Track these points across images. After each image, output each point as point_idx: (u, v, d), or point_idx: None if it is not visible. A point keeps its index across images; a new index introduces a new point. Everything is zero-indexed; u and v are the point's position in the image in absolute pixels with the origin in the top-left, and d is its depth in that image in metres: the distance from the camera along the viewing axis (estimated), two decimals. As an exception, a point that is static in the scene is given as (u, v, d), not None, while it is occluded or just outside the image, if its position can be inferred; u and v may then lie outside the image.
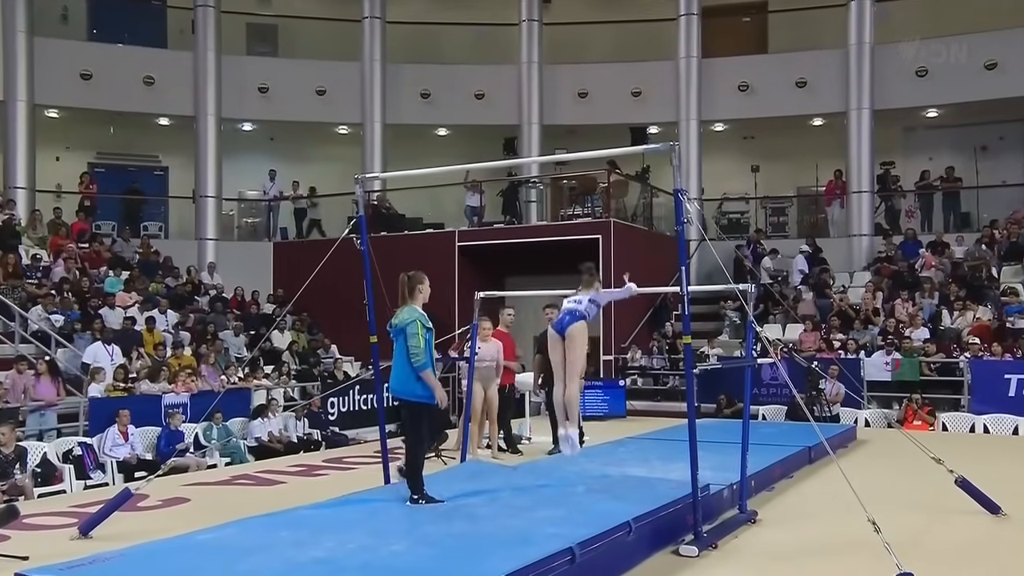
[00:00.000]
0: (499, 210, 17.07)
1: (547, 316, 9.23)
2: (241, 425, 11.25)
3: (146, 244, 16.27)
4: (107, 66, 16.79)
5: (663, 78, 17.98)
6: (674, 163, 4.80)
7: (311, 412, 12.19)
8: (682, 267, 4.76)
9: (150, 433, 10.17)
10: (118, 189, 18.04)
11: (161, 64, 17.40)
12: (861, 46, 16.90)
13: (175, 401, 10.70)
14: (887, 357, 12.61)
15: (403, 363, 5.50)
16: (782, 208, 18.16)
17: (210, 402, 11.01)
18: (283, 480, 7.54)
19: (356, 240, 6.16)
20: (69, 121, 17.79)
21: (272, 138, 19.50)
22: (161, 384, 10.84)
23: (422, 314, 5.59)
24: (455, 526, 4.72)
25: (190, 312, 14.64)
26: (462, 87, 18.30)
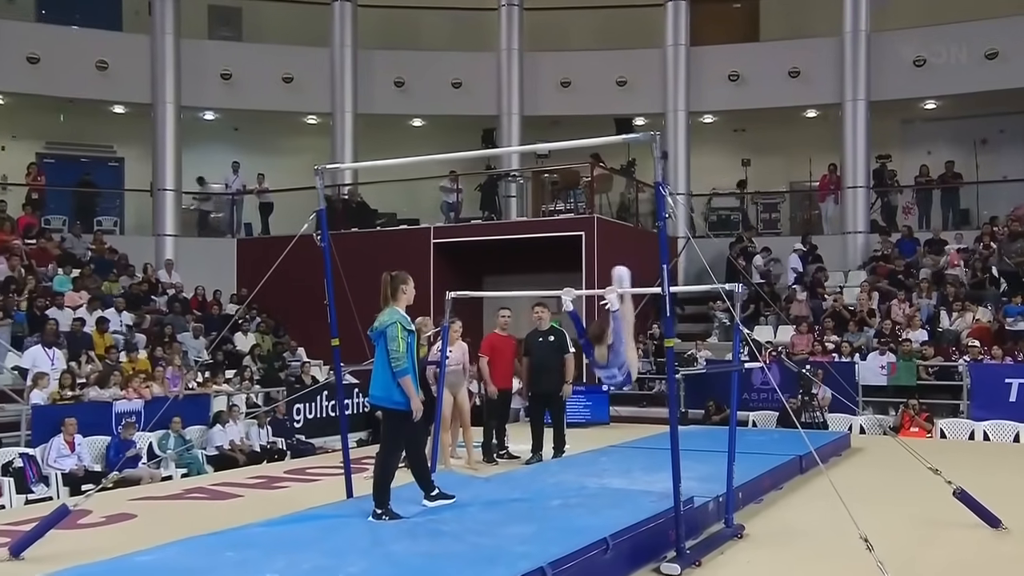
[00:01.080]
0: (477, 205, 16.97)
1: (536, 315, 9.15)
2: (199, 433, 11.08)
3: (99, 240, 15.99)
4: (57, 49, 16.50)
5: (650, 67, 17.95)
6: (655, 154, 4.70)
7: (275, 419, 12.05)
8: (663, 265, 4.67)
9: (99, 443, 9.99)
10: (69, 181, 17.72)
11: (116, 48, 17.11)
12: (857, 34, 16.94)
13: (127, 408, 10.50)
14: (883, 360, 12.60)
15: (383, 368, 5.44)
16: (774, 204, 18.16)
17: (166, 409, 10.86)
18: (239, 493, 7.39)
19: (316, 236, 6.02)
20: (15, 108, 17.50)
21: (236, 128, 19.27)
22: (112, 390, 10.62)
23: (404, 316, 5.52)
24: (419, 544, 4.61)
25: (146, 313, 14.42)
26: (438, 75, 18.16)
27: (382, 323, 5.43)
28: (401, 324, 5.39)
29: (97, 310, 13.16)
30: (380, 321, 5.45)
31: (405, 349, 5.33)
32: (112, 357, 12.07)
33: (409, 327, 5.47)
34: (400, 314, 5.46)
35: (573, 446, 9.28)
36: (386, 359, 5.36)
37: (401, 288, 5.54)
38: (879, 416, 12.26)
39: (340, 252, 14.76)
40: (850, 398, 12.08)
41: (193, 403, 11.47)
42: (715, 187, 18.40)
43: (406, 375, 5.32)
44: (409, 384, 5.33)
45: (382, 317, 5.46)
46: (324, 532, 4.90)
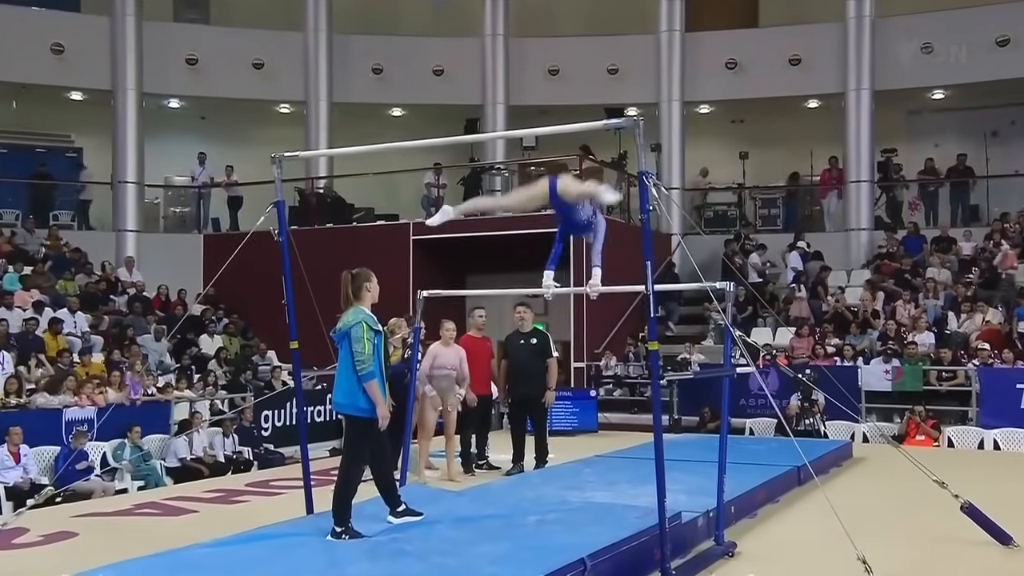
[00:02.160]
0: (460, 199, 16.77)
1: (518, 316, 9.00)
2: (159, 443, 10.87)
3: (55, 236, 15.76)
4: (8, 31, 16.16)
5: (642, 54, 17.83)
6: (638, 141, 4.55)
7: (242, 427, 11.85)
8: (646, 262, 4.51)
9: (48, 453, 9.75)
10: (23, 173, 17.44)
11: (73, 30, 16.85)
12: (860, 20, 16.84)
13: (79, 416, 10.27)
14: (887, 365, 12.50)
15: (347, 372, 5.29)
16: (773, 199, 18.05)
17: (122, 417, 10.66)
18: (194, 509, 7.20)
19: (274, 231, 5.86)
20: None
21: (203, 117, 19.05)
22: (63, 396, 10.40)
23: (369, 316, 5.37)
24: (379, 566, 4.45)
25: (104, 313, 14.21)
26: (419, 62, 17.99)
27: (346, 323, 5.27)
28: (367, 324, 5.23)
29: (49, 310, 12.94)
30: (344, 321, 5.30)
31: (371, 351, 5.17)
32: (65, 361, 11.86)
33: (376, 327, 5.32)
34: (365, 313, 5.31)
35: (557, 455, 9.15)
36: (350, 362, 5.20)
37: (364, 286, 5.38)
38: (883, 424, 12.17)
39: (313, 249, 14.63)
40: (852, 404, 12.01)
41: (152, 410, 11.26)
42: (711, 181, 18.27)
43: (372, 379, 5.16)
44: (375, 389, 5.16)
45: (346, 317, 5.31)
46: (276, 553, 4.73)
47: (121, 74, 16.80)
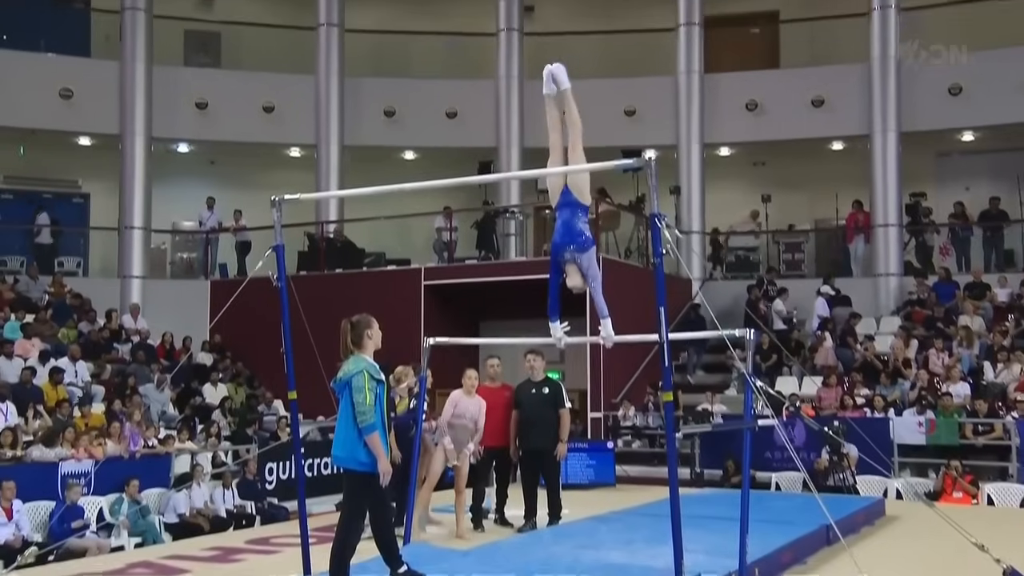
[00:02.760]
0: (473, 244, 16.77)
1: (528, 364, 8.89)
2: (158, 497, 10.74)
3: (58, 283, 15.82)
4: (17, 77, 16.44)
5: (660, 95, 17.86)
6: (651, 183, 4.46)
7: (244, 480, 11.70)
8: (660, 308, 4.39)
9: (42, 509, 9.63)
10: (29, 219, 17.60)
11: (81, 75, 17.09)
12: (885, 60, 16.81)
13: (75, 469, 10.16)
14: (920, 417, 12.23)
15: (347, 424, 5.19)
16: (797, 243, 17.90)
17: (120, 470, 10.56)
18: (187, 568, 7.03)
19: (273, 277, 5.80)
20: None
21: (213, 161, 19.21)
22: (59, 449, 10.30)
23: (371, 364, 5.27)
24: (376, 633, 4.26)
25: (107, 362, 14.18)
26: (431, 104, 18.11)
27: (346, 373, 5.17)
28: (368, 373, 5.13)
29: (50, 359, 12.92)
30: (344, 371, 5.20)
31: (373, 401, 5.06)
32: (64, 411, 11.80)
33: (378, 376, 5.21)
34: (367, 362, 5.21)
35: (572, 511, 8.94)
36: (351, 413, 5.09)
37: (366, 334, 5.30)
38: (917, 479, 11.88)
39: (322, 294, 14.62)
40: (884, 458, 11.73)
41: (152, 463, 11.15)
42: (732, 225, 18.16)
43: (373, 431, 5.04)
44: (377, 442, 5.04)
45: (346, 366, 5.21)
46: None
47: (129, 118, 16.99)
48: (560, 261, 5.97)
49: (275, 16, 18.86)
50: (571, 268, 5.91)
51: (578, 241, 5.86)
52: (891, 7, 16.81)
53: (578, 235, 5.88)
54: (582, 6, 19.67)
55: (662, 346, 4.45)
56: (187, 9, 18.93)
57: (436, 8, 19.41)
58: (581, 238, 5.86)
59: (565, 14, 19.61)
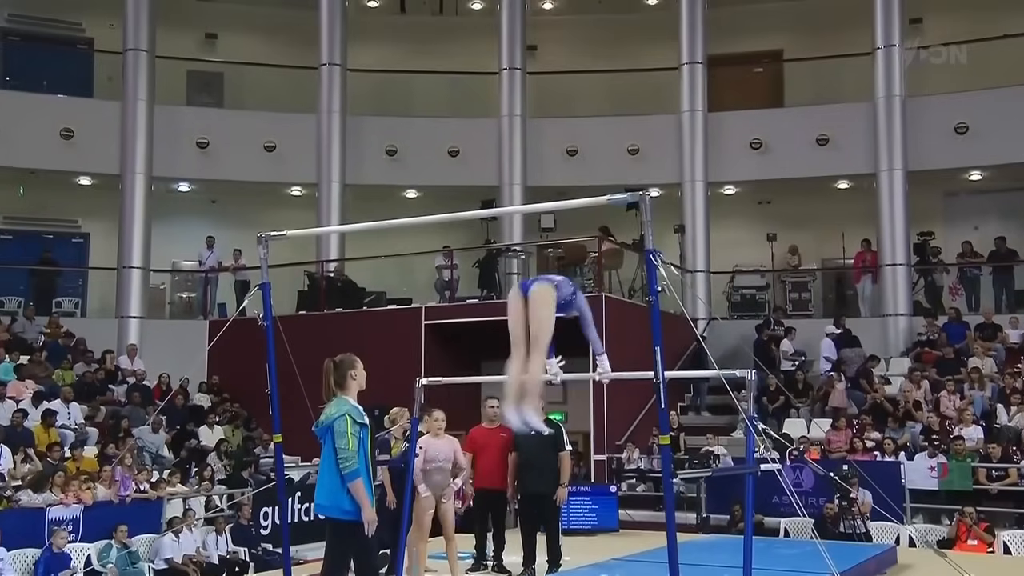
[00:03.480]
0: (475, 283, 16.65)
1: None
2: (148, 543, 10.52)
3: (55, 323, 15.72)
4: (16, 117, 16.47)
5: (664, 134, 17.83)
6: (645, 218, 4.32)
7: (238, 525, 11.49)
8: (656, 348, 4.22)
9: (29, 556, 9.42)
10: (29, 259, 17.55)
11: (82, 115, 17.11)
12: (890, 99, 16.75)
13: (63, 515, 9.96)
14: (932, 461, 11.96)
15: (330, 470, 5.00)
16: (804, 283, 17.72)
17: (109, 516, 10.36)
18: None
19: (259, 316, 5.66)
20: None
21: (214, 201, 19.18)
22: (47, 494, 10.10)
23: (354, 407, 5.09)
24: None
25: (101, 404, 14.03)
26: (434, 143, 18.10)
27: (328, 416, 5.00)
28: (351, 417, 4.94)
29: (43, 402, 12.76)
30: (326, 414, 5.02)
31: (356, 447, 4.87)
32: (55, 455, 11.61)
33: (361, 420, 5.02)
34: (350, 405, 5.02)
35: (572, 557, 8.70)
36: (333, 460, 4.90)
37: (349, 375, 5.12)
38: (931, 525, 11.59)
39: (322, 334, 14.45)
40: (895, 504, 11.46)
41: (143, 508, 10.96)
42: (738, 264, 18.02)
43: (356, 478, 4.84)
44: (361, 489, 4.84)
45: (328, 409, 5.03)
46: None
47: (130, 158, 16.96)
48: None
49: (278, 56, 18.91)
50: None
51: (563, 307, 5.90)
52: (895, 46, 16.80)
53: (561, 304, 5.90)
54: (585, 45, 19.74)
55: (658, 387, 4.28)
56: (190, 49, 19.02)
57: (438, 48, 19.48)
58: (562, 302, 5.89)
59: (568, 53, 19.67)
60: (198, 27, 19.48)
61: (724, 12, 18.48)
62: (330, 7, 17.90)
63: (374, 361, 14.77)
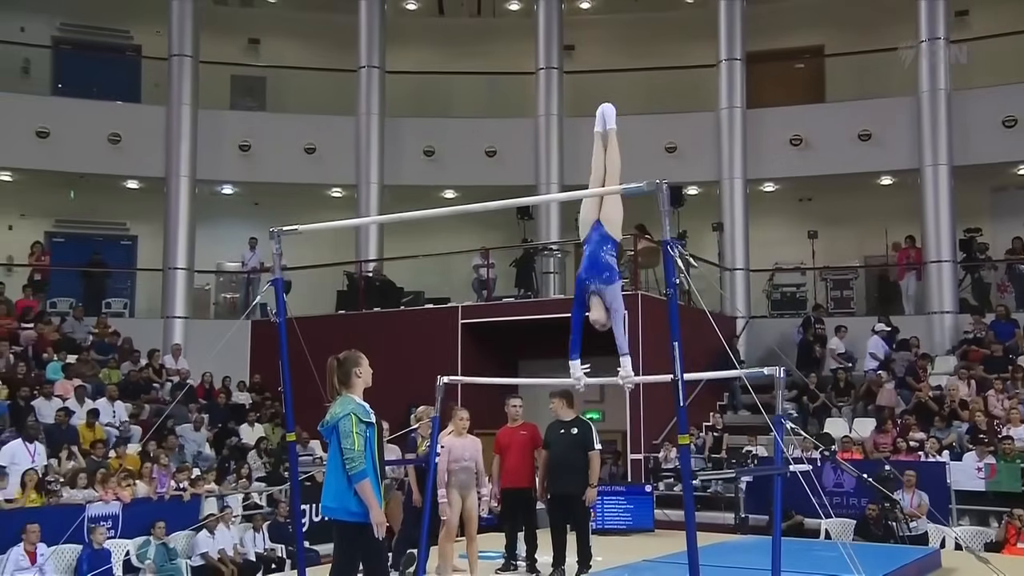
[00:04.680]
0: (511, 283, 16.45)
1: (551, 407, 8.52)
2: (186, 540, 10.48)
3: (103, 324, 15.81)
4: (67, 123, 16.65)
5: (702, 131, 17.46)
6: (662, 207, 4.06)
7: (276, 523, 11.42)
8: (674, 343, 3.98)
9: (69, 553, 9.41)
10: (79, 261, 17.73)
11: (129, 120, 17.25)
12: (935, 92, 16.18)
13: (103, 512, 9.95)
14: (979, 461, 11.48)
15: (337, 471, 4.80)
16: (846, 280, 17.21)
17: (148, 512, 10.34)
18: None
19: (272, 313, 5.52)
20: (24, 185, 17.65)
21: (257, 203, 19.21)
22: (87, 491, 10.10)
23: (359, 405, 4.89)
24: None
25: (146, 402, 14.07)
26: (471, 143, 17.94)
27: (334, 415, 4.80)
28: (356, 416, 4.74)
29: (87, 400, 12.82)
30: (332, 413, 4.83)
31: (363, 446, 4.67)
32: (99, 452, 11.63)
33: (367, 419, 4.81)
34: (355, 403, 4.82)
35: (605, 558, 8.45)
36: (340, 460, 4.70)
37: (354, 372, 4.92)
38: (978, 527, 11.11)
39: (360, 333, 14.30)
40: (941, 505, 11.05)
41: (181, 505, 10.91)
42: (778, 261, 17.56)
43: (363, 479, 4.64)
44: (368, 490, 4.64)
45: (333, 409, 4.84)
46: None
47: (175, 161, 17.05)
48: (584, 294, 5.79)
49: (318, 59, 18.92)
50: (595, 301, 5.75)
51: (604, 275, 5.71)
52: (940, 39, 16.23)
53: (604, 268, 5.73)
54: (622, 44, 19.43)
55: (676, 384, 4.03)
56: (234, 55, 19.07)
57: (476, 48, 19.33)
58: (607, 272, 5.72)
59: (605, 52, 19.39)
60: (242, 33, 19.54)
61: (763, 8, 18.07)
62: (369, 11, 17.85)
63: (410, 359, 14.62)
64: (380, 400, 8.95)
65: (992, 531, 10.80)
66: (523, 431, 8.48)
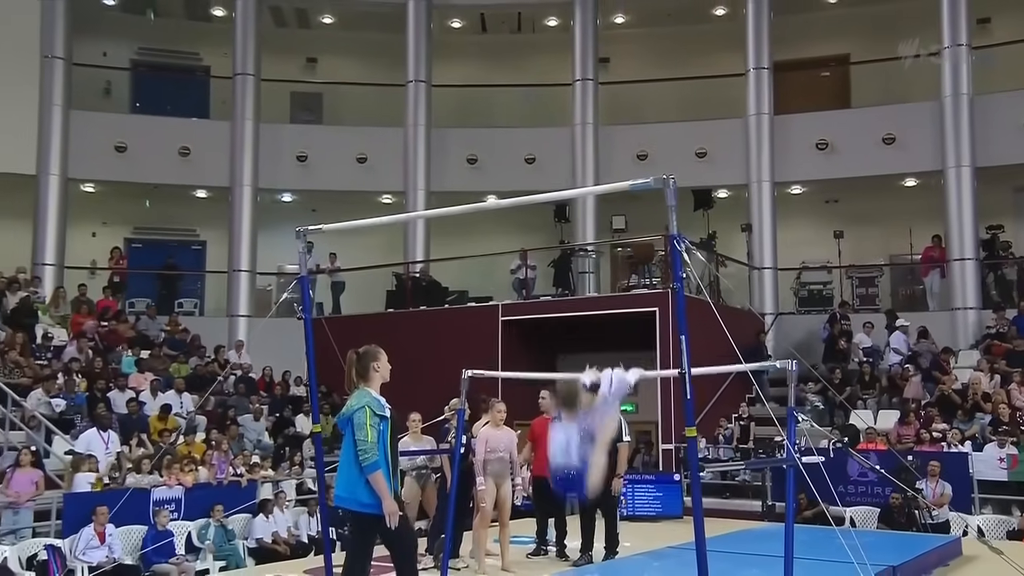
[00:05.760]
0: (550, 281, 16.25)
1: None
2: (243, 523, 10.48)
3: (174, 322, 16.00)
4: (142, 138, 16.97)
5: (731, 137, 17.07)
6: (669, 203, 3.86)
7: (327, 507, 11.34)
8: (681, 336, 3.75)
9: (135, 533, 9.45)
10: (156, 265, 18.00)
11: (198, 134, 17.50)
12: (957, 97, 15.62)
13: (165, 496, 9.98)
14: (1001, 452, 11.00)
15: (349, 462, 4.64)
16: (871, 278, 16.69)
17: (209, 496, 10.35)
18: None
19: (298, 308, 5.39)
20: (105, 195, 18.00)
21: (314, 209, 19.22)
22: (151, 476, 10.15)
23: (374, 399, 4.71)
24: None
25: (211, 394, 14.12)
26: (511, 151, 17.78)
27: (349, 408, 4.65)
28: (370, 409, 4.58)
29: (158, 392, 12.93)
30: (348, 406, 4.67)
31: (375, 438, 4.50)
32: (166, 440, 11.71)
33: (381, 412, 4.64)
34: (371, 396, 4.66)
35: (633, 544, 8.23)
36: (353, 451, 4.55)
37: (372, 366, 4.76)
38: (1001, 516, 10.66)
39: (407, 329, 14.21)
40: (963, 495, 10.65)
41: (239, 490, 10.91)
42: (805, 260, 17.10)
43: (376, 470, 4.48)
44: (380, 481, 4.47)
45: (350, 401, 4.69)
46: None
47: (239, 172, 17.23)
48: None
49: (369, 75, 18.92)
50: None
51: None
52: (962, 45, 15.67)
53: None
54: (654, 56, 19.09)
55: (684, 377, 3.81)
56: (293, 73, 19.18)
57: (516, 63, 19.18)
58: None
59: (638, 64, 19.06)
60: (300, 52, 19.64)
61: (791, 19, 17.65)
62: (416, 29, 17.82)
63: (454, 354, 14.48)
64: (424, 392, 8.87)
65: (1015, 520, 10.38)
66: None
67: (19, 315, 13.90)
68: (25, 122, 16.31)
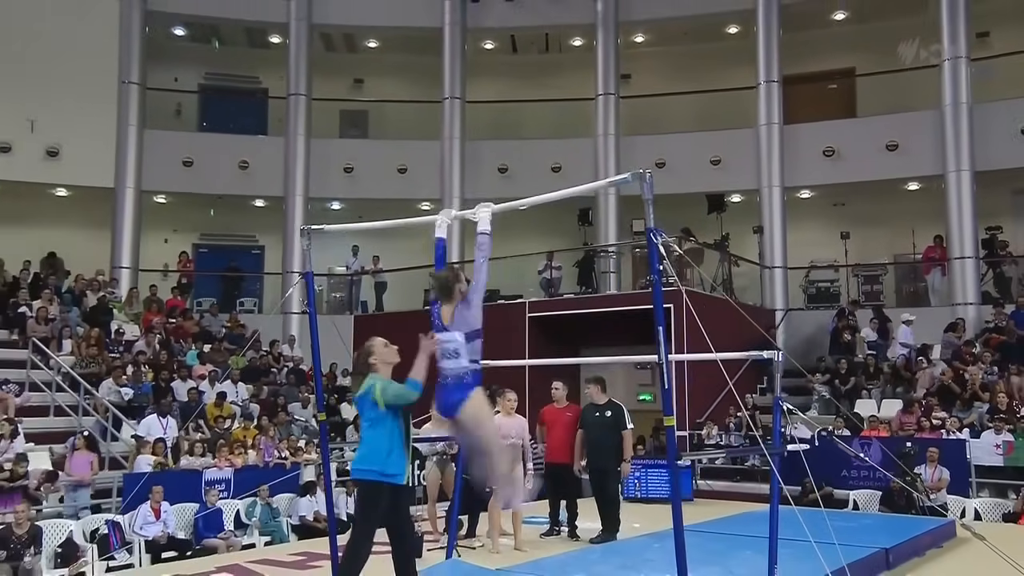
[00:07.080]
0: (575, 282, 16.03)
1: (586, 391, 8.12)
2: (287, 502, 10.42)
3: (234, 319, 16.07)
4: (207, 153, 17.13)
5: (743, 145, 16.65)
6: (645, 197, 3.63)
7: (366, 488, 11.25)
8: (658, 327, 3.52)
9: (187, 510, 9.43)
10: (219, 267, 18.16)
11: (255, 149, 17.58)
12: (957, 106, 15.07)
13: (216, 476, 9.96)
14: (998, 438, 10.50)
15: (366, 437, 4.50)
16: (876, 276, 16.15)
17: (256, 477, 10.31)
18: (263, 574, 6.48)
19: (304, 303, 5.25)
20: (175, 205, 18.17)
21: (361, 216, 19.22)
22: (203, 458, 10.14)
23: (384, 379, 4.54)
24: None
25: (264, 384, 14.16)
26: (539, 161, 17.51)
27: (363, 387, 4.52)
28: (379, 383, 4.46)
29: (216, 382, 12.97)
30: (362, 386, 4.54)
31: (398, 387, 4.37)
32: (221, 426, 11.72)
33: None
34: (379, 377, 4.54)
35: (642, 525, 7.98)
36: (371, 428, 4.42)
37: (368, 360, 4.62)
38: (997, 499, 10.19)
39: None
40: (962, 479, 10.22)
41: (284, 471, 10.85)
42: (813, 260, 16.62)
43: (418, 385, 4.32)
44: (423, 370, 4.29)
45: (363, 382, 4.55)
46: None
47: (292, 183, 17.28)
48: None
49: (410, 93, 18.86)
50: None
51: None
52: (962, 58, 15.11)
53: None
54: (672, 71, 18.71)
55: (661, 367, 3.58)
56: (341, 92, 19.19)
57: (544, 79, 18.94)
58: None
59: (657, 79, 18.71)
60: (348, 74, 19.65)
61: (799, 36, 17.18)
62: (452, 50, 17.72)
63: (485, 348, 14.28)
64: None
65: (1010, 503, 9.93)
66: (568, 412, 8.09)
67: (97, 313, 14.06)
68: (104, 141, 16.57)
